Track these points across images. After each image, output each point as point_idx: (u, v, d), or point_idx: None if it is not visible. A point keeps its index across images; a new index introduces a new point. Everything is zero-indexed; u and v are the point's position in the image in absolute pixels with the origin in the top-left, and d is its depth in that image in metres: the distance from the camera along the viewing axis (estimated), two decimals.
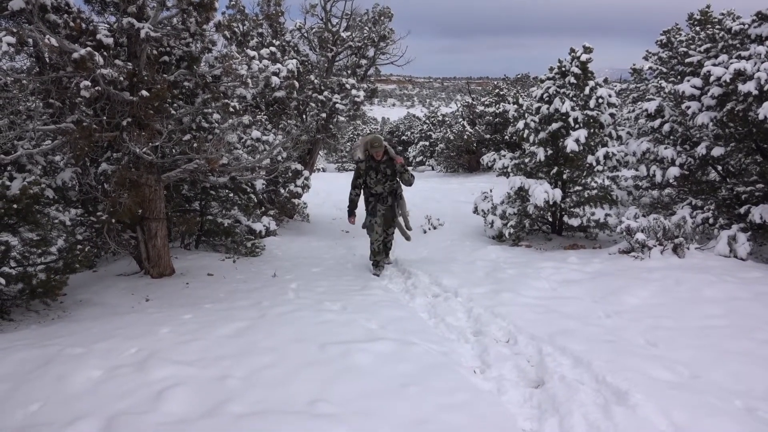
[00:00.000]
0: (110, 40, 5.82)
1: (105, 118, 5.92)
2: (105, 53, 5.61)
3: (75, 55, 5.22)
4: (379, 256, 7.43)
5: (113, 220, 6.54)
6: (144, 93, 5.88)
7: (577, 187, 9.59)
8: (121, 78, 5.58)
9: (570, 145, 8.72)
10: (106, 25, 6.23)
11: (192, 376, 3.50)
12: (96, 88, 5.39)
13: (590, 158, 8.94)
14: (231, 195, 9.12)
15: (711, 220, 8.01)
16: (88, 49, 5.28)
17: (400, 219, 7.62)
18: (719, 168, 8.86)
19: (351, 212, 7.53)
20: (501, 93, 25.54)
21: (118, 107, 6.00)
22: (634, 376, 3.40)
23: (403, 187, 7.54)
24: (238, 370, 3.60)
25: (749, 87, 7.08)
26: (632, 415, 2.99)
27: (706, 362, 3.78)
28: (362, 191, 7.42)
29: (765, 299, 5.06)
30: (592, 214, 9.00)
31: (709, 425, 2.89)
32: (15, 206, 5.46)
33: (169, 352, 3.93)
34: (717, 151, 8.03)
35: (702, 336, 4.29)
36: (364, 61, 15.37)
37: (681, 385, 3.40)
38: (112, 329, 4.61)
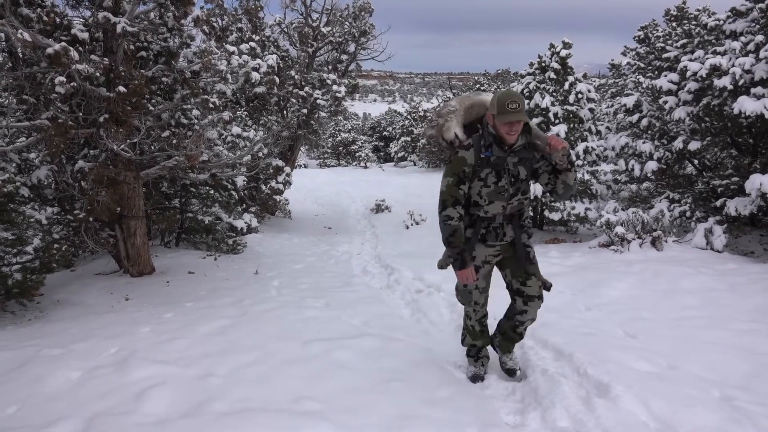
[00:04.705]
0: (85, 35, 5.72)
1: (81, 114, 5.82)
2: (80, 48, 5.50)
3: (49, 50, 5.11)
4: (479, 340, 3.71)
5: (91, 219, 6.43)
6: (121, 89, 5.78)
7: None
8: (98, 73, 5.48)
9: None
10: (81, 20, 6.11)
11: (173, 376, 3.46)
12: (71, 83, 5.29)
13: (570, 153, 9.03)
14: (212, 192, 9.02)
15: (688, 213, 8.16)
16: (63, 44, 5.17)
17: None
18: (696, 162, 9.02)
19: (462, 256, 3.22)
20: (482, 88, 25.66)
21: (94, 103, 5.89)
22: (614, 368, 3.44)
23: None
24: (220, 368, 3.57)
25: (724, 82, 7.21)
26: (613, 407, 3.03)
27: (683, 353, 3.85)
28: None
29: (740, 290, 5.17)
30: (573, 208, 9.11)
31: (687, 415, 2.94)
32: None
33: (150, 351, 3.88)
34: (693, 146, 8.16)
35: (679, 327, 4.37)
36: (344, 57, 15.32)
37: (660, 375, 3.46)
38: (91, 329, 4.54)
